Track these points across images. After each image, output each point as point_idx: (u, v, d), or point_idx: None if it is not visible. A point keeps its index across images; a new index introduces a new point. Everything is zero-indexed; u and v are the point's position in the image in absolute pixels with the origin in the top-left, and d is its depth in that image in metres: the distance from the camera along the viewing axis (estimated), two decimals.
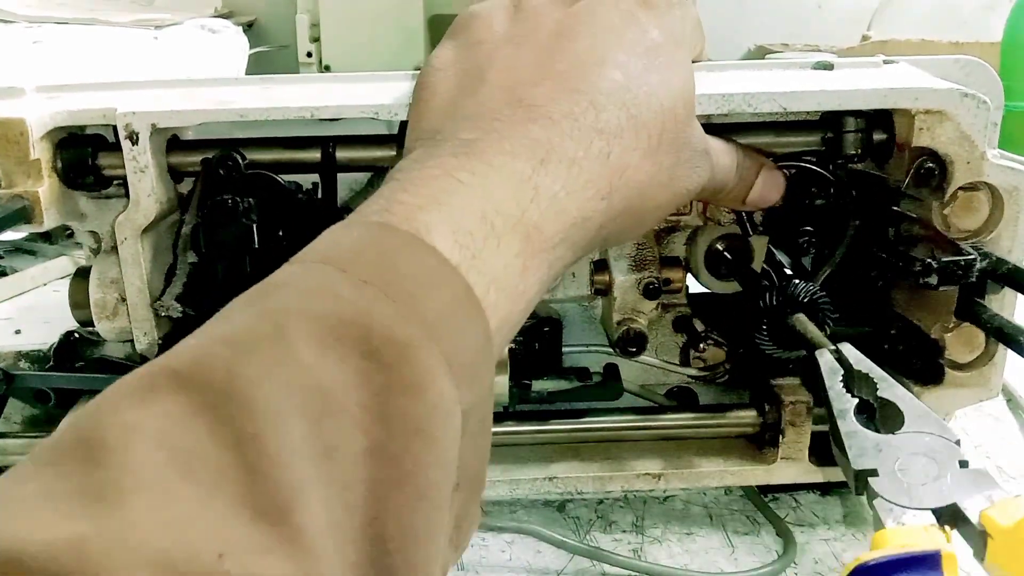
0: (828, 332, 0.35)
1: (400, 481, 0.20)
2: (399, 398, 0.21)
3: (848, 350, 0.31)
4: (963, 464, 0.26)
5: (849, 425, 0.28)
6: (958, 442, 0.27)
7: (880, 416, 0.28)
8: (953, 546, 0.23)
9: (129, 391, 0.20)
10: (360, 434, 0.20)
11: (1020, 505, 0.23)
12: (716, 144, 0.35)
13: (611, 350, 0.46)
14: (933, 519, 0.25)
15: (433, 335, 0.22)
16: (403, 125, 0.36)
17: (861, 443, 0.27)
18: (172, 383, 0.19)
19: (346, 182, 0.43)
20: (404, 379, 0.21)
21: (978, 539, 0.24)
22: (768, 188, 0.38)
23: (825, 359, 0.31)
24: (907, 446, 0.27)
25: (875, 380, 0.30)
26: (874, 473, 0.26)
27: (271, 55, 1.40)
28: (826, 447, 0.32)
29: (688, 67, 0.33)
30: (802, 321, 0.35)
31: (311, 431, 0.19)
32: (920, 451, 0.27)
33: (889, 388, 0.29)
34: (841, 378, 0.30)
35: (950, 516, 0.25)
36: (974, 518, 0.24)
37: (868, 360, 0.31)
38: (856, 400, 0.29)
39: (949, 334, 0.41)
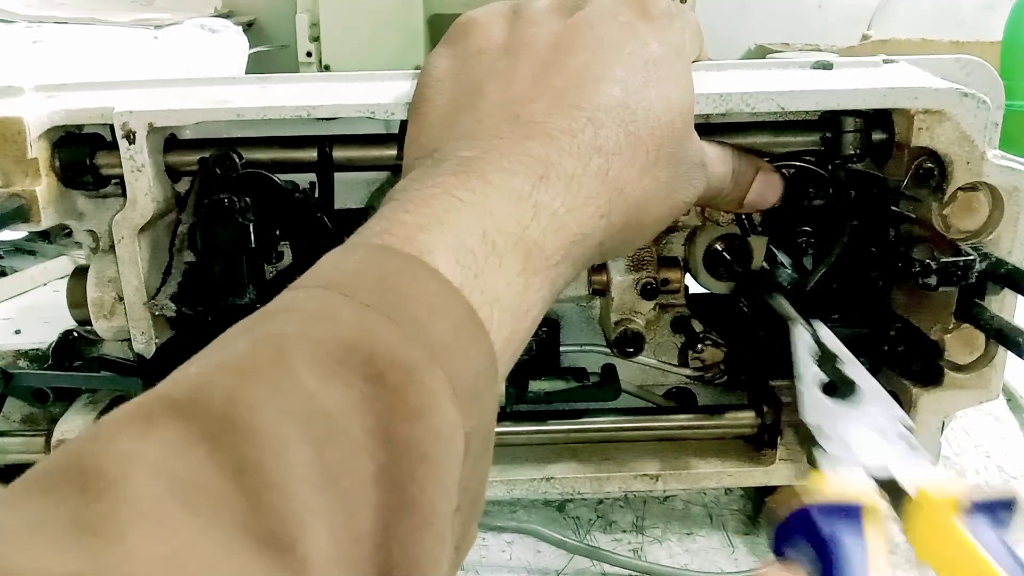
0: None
1: (405, 508, 0.20)
2: (403, 423, 0.20)
3: (820, 328, 0.34)
4: (912, 447, 0.28)
5: (808, 387, 0.31)
6: (911, 428, 0.29)
7: (840, 391, 0.31)
8: (881, 504, 0.25)
9: (127, 420, 0.19)
10: (365, 459, 0.20)
11: (952, 482, 0.25)
12: (712, 152, 0.35)
13: (609, 350, 0.46)
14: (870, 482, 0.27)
15: (437, 358, 0.22)
16: (403, 125, 0.36)
17: (815, 403, 0.30)
18: (171, 411, 0.19)
19: (344, 182, 0.43)
20: (408, 403, 0.21)
21: (904, 506, 0.25)
22: (765, 190, 0.38)
23: (799, 332, 0.34)
24: (858, 416, 0.29)
25: (840, 358, 0.32)
26: (820, 430, 0.28)
27: (271, 55, 1.40)
28: None
29: (687, 80, 0.32)
30: (779, 302, 0.38)
31: (315, 457, 0.19)
32: (870, 423, 0.29)
33: (852, 368, 0.31)
34: (810, 350, 0.33)
35: (885, 483, 0.26)
36: (909, 489, 0.26)
37: (838, 340, 0.33)
38: (821, 372, 0.32)
39: (949, 335, 0.41)
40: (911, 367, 0.42)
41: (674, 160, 0.31)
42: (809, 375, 0.31)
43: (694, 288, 0.47)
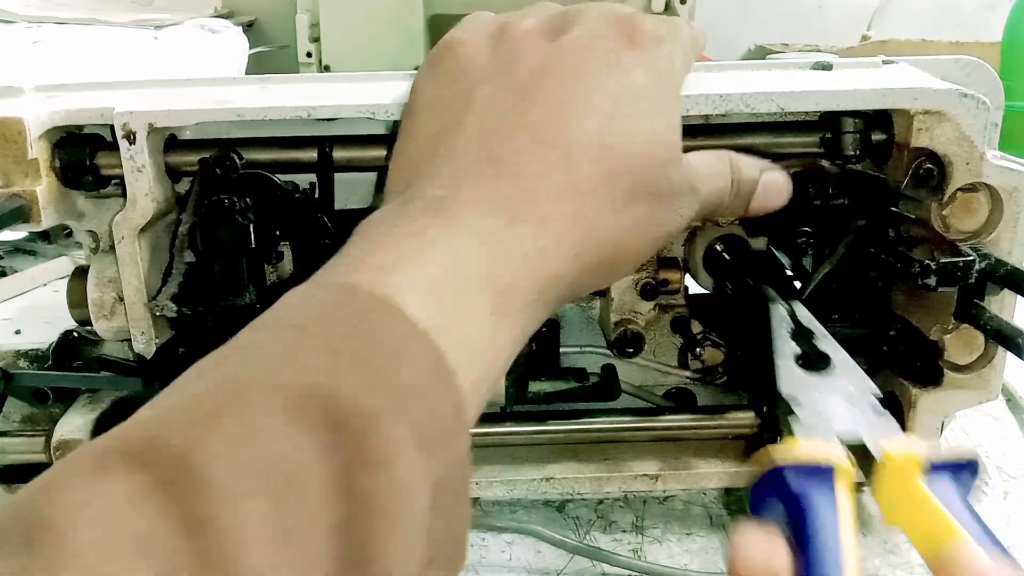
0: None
1: (364, 562, 0.19)
2: (364, 473, 0.20)
3: (798, 307, 0.35)
4: (880, 413, 0.29)
5: (784, 361, 0.32)
6: (881, 400, 0.30)
7: (815, 366, 0.32)
8: (850, 466, 0.26)
9: (78, 468, 0.18)
10: (324, 512, 0.19)
11: (916, 444, 0.26)
12: (707, 169, 0.33)
13: (609, 351, 0.46)
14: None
15: (401, 405, 0.21)
16: (395, 125, 0.36)
17: (790, 375, 0.31)
18: (124, 459, 0.18)
19: (344, 183, 0.43)
20: (370, 453, 0.20)
21: (871, 469, 0.26)
22: (769, 195, 0.36)
23: (777, 310, 0.36)
24: (831, 386, 0.31)
25: (815, 333, 0.34)
26: (794, 399, 0.30)
27: (271, 55, 1.40)
28: None
29: (673, 108, 0.31)
30: (764, 286, 0.38)
31: (272, 510, 0.18)
32: (841, 392, 0.30)
33: (827, 343, 0.33)
34: (787, 328, 0.34)
35: (854, 447, 0.28)
36: (875, 452, 0.27)
37: (814, 318, 0.35)
38: (797, 348, 0.33)
39: (948, 336, 0.41)
40: (911, 367, 0.42)
41: (656, 192, 0.30)
42: (786, 349, 0.33)
43: (694, 288, 0.47)
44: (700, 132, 0.40)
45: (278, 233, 0.40)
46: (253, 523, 0.18)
